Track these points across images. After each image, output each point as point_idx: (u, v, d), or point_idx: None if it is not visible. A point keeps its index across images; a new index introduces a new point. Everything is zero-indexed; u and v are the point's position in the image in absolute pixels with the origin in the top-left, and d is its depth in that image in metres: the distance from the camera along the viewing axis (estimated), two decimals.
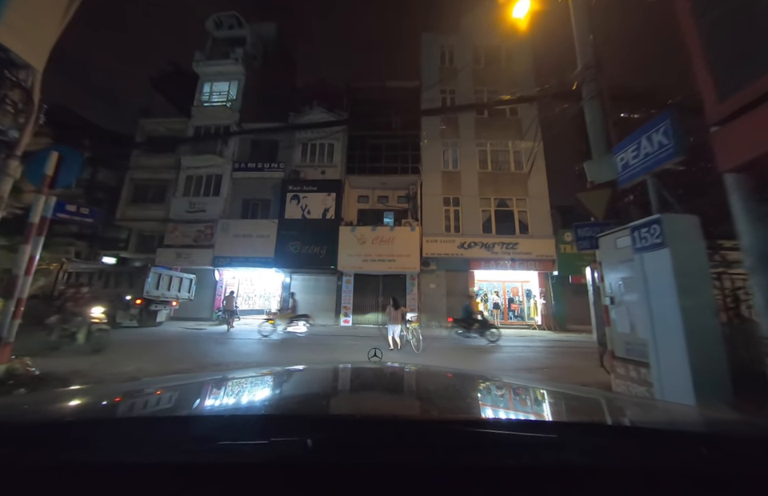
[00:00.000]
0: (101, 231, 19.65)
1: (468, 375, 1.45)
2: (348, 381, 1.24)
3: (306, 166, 17.33)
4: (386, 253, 15.05)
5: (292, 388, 1.14)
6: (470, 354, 8.48)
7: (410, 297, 15.67)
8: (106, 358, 6.46)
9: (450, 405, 1.01)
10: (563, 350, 9.30)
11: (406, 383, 1.27)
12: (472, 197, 16.72)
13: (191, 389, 1.05)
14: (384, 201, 18.05)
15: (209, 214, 16.67)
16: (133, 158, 18.61)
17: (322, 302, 16.00)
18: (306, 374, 1.36)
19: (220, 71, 19.17)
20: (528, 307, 16.52)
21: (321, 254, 15.26)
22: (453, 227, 16.36)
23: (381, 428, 0.62)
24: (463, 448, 0.55)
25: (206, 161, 17.24)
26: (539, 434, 0.64)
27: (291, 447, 0.53)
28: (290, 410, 0.85)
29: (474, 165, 17.25)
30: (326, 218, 15.77)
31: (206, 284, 16.65)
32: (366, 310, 15.73)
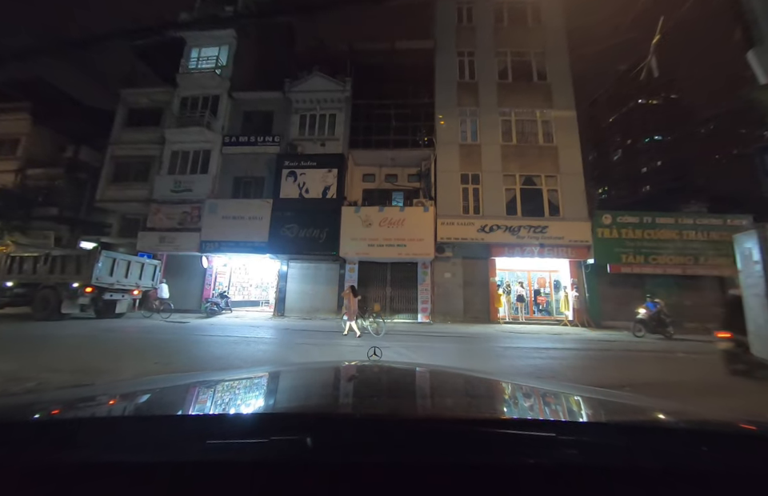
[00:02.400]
0: (84, 214, 18.09)
1: (468, 375, 1.43)
2: (347, 380, 1.24)
3: (305, 139, 15.32)
4: (396, 237, 13.07)
5: (292, 387, 1.13)
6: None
7: (422, 288, 13.73)
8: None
9: (450, 403, 1.05)
10: (627, 355, 7.26)
11: (405, 382, 1.26)
12: (494, 173, 14.55)
13: (191, 388, 1.04)
14: (392, 179, 15.99)
15: (196, 193, 14.85)
16: (114, 132, 16.79)
17: (322, 294, 14.18)
18: (306, 372, 1.41)
19: (209, 34, 17.08)
20: (557, 300, 14.45)
21: (320, 239, 13.36)
22: (472, 208, 14.26)
23: (380, 427, 0.62)
24: (462, 447, 0.55)
25: (192, 134, 15.34)
26: (540, 432, 0.62)
27: (291, 446, 0.53)
28: (289, 408, 0.87)
29: (496, 136, 15.02)
30: (326, 198, 13.81)
31: (193, 272, 14.95)
32: (373, 302, 13.84)
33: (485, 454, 0.54)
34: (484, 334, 10.49)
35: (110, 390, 1.07)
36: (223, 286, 15.23)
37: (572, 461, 0.53)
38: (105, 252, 10.26)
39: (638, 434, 0.65)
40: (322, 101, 15.64)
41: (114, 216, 17.17)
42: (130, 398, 0.92)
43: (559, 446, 0.55)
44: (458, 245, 13.89)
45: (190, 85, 16.37)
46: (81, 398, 0.90)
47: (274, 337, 8.75)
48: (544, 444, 0.57)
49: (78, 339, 7.03)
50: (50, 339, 7.00)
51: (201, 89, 16.28)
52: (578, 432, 0.64)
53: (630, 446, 0.56)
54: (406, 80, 16.07)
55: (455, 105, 15.45)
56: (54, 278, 9.87)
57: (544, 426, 0.72)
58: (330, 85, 15.54)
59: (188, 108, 16.08)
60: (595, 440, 0.59)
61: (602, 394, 1.13)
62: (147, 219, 14.96)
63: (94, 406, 0.85)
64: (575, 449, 0.55)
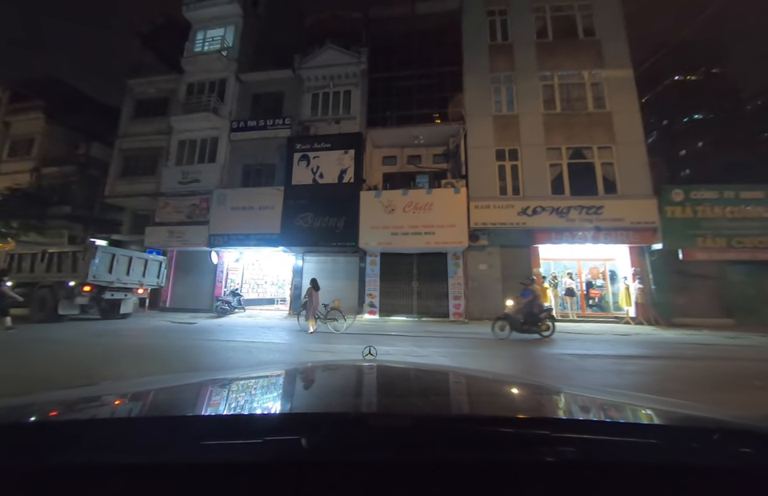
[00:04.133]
0: (98, 212, 17.61)
1: (464, 372, 1.45)
2: (343, 379, 1.22)
3: (317, 119, 13.84)
4: (423, 223, 11.38)
5: (287, 387, 1.11)
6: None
7: (454, 281, 11.99)
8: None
9: (446, 402, 1.04)
10: (756, 366, 5.24)
11: (400, 381, 1.25)
12: (535, 147, 12.48)
13: (185, 389, 1.03)
14: (416, 161, 14.25)
15: (204, 184, 13.78)
16: (122, 125, 16.06)
17: (341, 290, 12.73)
18: (301, 373, 1.38)
19: (214, 14, 15.92)
20: (614, 294, 12.28)
21: (338, 228, 11.89)
22: (510, 188, 12.30)
23: (376, 426, 0.62)
24: (460, 445, 0.54)
25: (199, 121, 14.26)
26: (536, 430, 0.62)
27: (286, 446, 0.52)
28: (284, 408, 0.88)
29: (537, 105, 12.90)
30: (342, 182, 12.30)
31: (204, 269, 13.95)
32: (397, 299, 12.29)
33: (482, 452, 0.53)
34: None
35: (104, 392, 1.04)
36: (235, 283, 14.15)
37: (569, 458, 0.52)
38: (101, 247, 9.29)
39: (636, 431, 0.65)
40: (335, 77, 14.09)
41: (126, 212, 16.51)
42: (124, 400, 0.91)
43: (555, 444, 0.54)
44: (495, 231, 12.01)
45: (195, 69, 15.30)
46: (74, 400, 0.89)
47: (284, 341, 7.39)
48: (540, 442, 0.56)
49: (51, 345, 5.91)
50: (20, 346, 5.94)
51: (207, 73, 15.18)
52: (575, 429, 0.62)
53: (628, 443, 0.56)
54: (428, 47, 14.21)
55: (487, 71, 13.44)
56: (50, 276, 9.00)
57: (541, 424, 0.69)
58: (343, 57, 13.94)
59: (194, 94, 15.02)
60: (592, 437, 0.58)
61: (599, 393, 1.13)
62: (155, 213, 14.07)
63: (88, 407, 0.83)
64: (572, 446, 0.53)
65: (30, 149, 18.60)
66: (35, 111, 18.92)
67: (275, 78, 14.93)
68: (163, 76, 16.10)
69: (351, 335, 8.39)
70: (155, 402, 0.90)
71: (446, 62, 13.87)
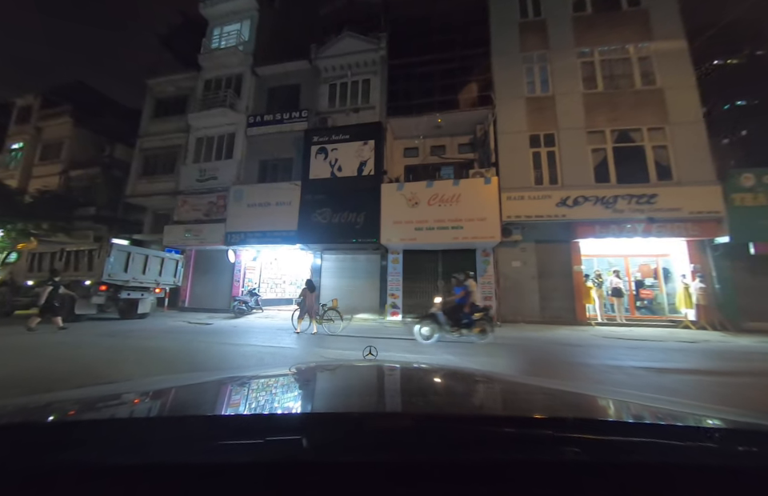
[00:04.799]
0: (122, 212, 17.85)
1: (466, 372, 1.40)
2: (343, 379, 1.22)
3: (335, 111, 13.20)
4: (450, 217, 10.44)
5: (287, 388, 1.12)
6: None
7: (483, 281, 10.97)
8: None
9: (448, 401, 1.01)
10: None
11: (402, 381, 1.24)
12: (575, 131, 11.24)
13: (186, 390, 1.03)
14: (439, 152, 13.31)
15: (221, 181, 13.47)
16: (142, 124, 16.13)
17: (362, 290, 12.03)
18: (301, 372, 1.35)
19: (230, 9, 15.65)
20: (668, 294, 10.85)
21: (357, 224, 11.16)
22: (547, 177, 11.13)
23: (376, 426, 0.61)
24: (461, 445, 0.54)
25: (216, 117, 14.00)
26: (539, 430, 0.62)
27: (286, 446, 0.52)
28: (285, 409, 0.87)
29: (576, 84, 11.64)
30: (362, 175, 11.56)
31: (222, 268, 13.64)
32: (421, 299, 11.41)
33: (483, 452, 0.53)
34: (575, 340, 7.57)
35: (106, 392, 1.02)
36: (253, 282, 13.77)
37: (571, 459, 0.51)
38: (116, 245, 9.03)
39: (638, 431, 0.64)
40: (353, 65, 13.38)
41: (147, 212, 16.57)
42: (123, 401, 0.90)
43: (558, 444, 0.54)
44: (530, 225, 10.88)
45: (212, 65, 15.09)
46: (77, 400, 0.89)
47: (299, 345, 6.73)
48: (543, 442, 0.56)
49: (51, 349, 5.50)
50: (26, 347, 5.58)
51: (223, 69, 14.92)
52: (577, 429, 0.59)
53: (631, 443, 0.55)
54: (452, 29, 13.27)
55: (518, 51, 12.29)
56: (67, 275, 8.81)
57: (543, 424, 0.68)
58: (362, 44, 13.21)
59: (211, 90, 14.80)
60: (594, 437, 0.57)
61: (601, 392, 1.14)
62: (174, 212, 13.93)
63: (89, 407, 0.83)
64: (574, 446, 0.52)
65: (59, 152, 19.14)
66: (64, 116, 19.46)
67: (291, 70, 14.43)
68: (181, 74, 16.02)
69: (350, 337, 7.59)
70: (158, 403, 0.89)
71: (472, 43, 12.85)
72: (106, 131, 19.56)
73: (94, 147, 19.42)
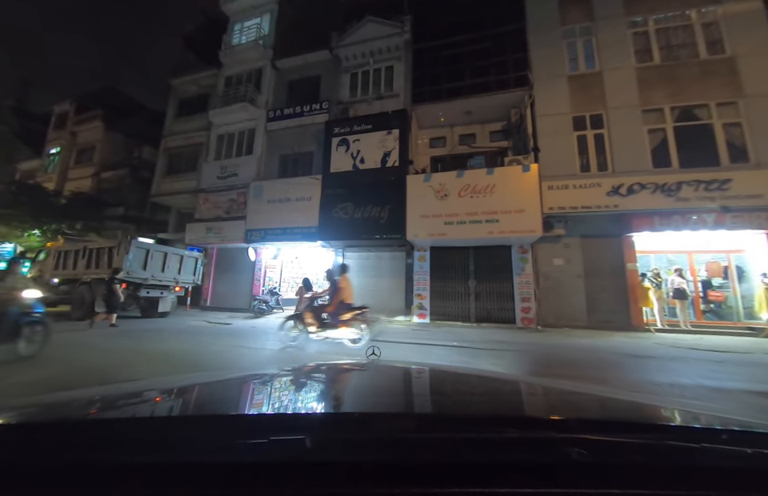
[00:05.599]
0: (149, 212, 18.15)
1: (469, 372, 1.41)
2: (347, 379, 1.22)
3: (357, 101, 12.53)
4: (483, 210, 9.46)
5: (291, 387, 1.11)
6: None
7: (521, 280, 9.90)
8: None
9: (451, 402, 1.01)
10: None
11: (405, 381, 1.23)
12: (627, 109, 9.90)
13: (190, 390, 1.03)
14: (469, 141, 12.31)
15: (242, 177, 13.18)
16: (166, 124, 16.27)
17: (386, 289, 11.29)
18: (305, 372, 1.37)
19: (250, 4, 15.41)
20: (744, 296, 9.28)
21: (381, 219, 10.42)
22: (594, 164, 9.87)
23: (379, 426, 0.61)
24: (465, 446, 0.54)
25: (236, 112, 13.75)
26: (541, 431, 0.62)
27: (290, 446, 0.52)
28: (288, 408, 0.86)
29: (627, 57, 10.27)
30: (386, 166, 10.81)
31: (243, 266, 13.37)
32: (450, 301, 10.51)
33: (486, 453, 0.52)
34: (638, 350, 6.39)
35: (106, 393, 1.01)
36: (273, 281, 13.39)
37: (574, 459, 0.50)
38: (135, 242, 8.83)
39: (642, 431, 0.63)
40: (375, 52, 12.66)
41: (171, 211, 16.71)
42: (126, 402, 0.90)
43: (560, 444, 0.53)
44: (574, 218, 9.69)
45: (233, 62, 14.90)
46: (82, 400, 0.89)
47: (323, 350, 6.05)
48: (547, 442, 0.55)
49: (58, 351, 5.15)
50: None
51: (244, 64, 14.68)
52: (580, 430, 0.58)
53: (634, 444, 0.54)
54: (481, 7, 12.15)
55: (558, 25, 11.06)
56: (89, 273, 8.71)
57: (545, 425, 0.69)
58: (384, 29, 12.46)
59: (232, 86, 14.60)
60: (597, 438, 0.56)
61: (605, 392, 1.11)
62: (196, 210, 13.83)
63: (95, 407, 0.83)
64: (576, 447, 0.51)
65: (92, 156, 19.82)
66: (96, 120, 20.14)
67: (311, 61, 13.93)
68: (203, 72, 15.99)
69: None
70: (162, 403, 0.89)
71: (504, 20, 11.70)
72: (134, 133, 20.05)
73: (124, 149, 19.95)
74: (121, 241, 8.69)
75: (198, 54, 17.23)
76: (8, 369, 4.09)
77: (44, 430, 0.60)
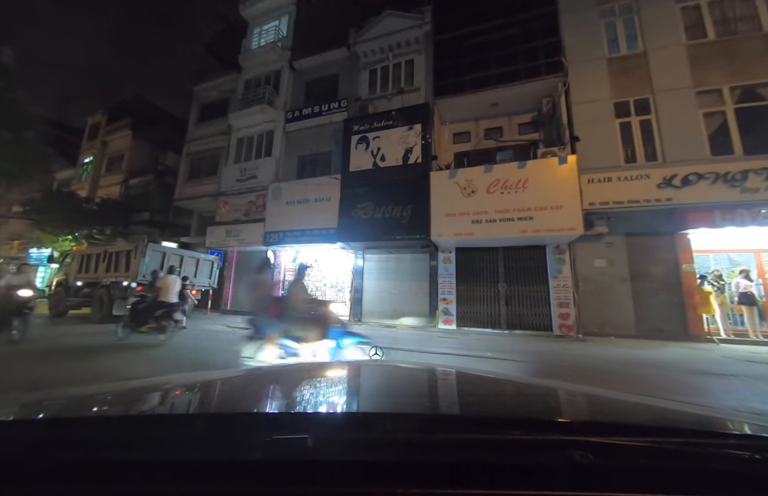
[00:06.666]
0: (173, 217, 18.52)
1: (472, 372, 1.34)
2: (349, 379, 1.19)
3: (376, 97, 12.10)
4: (515, 206, 8.70)
5: (294, 386, 1.07)
6: None
7: (557, 283, 9.05)
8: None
9: (454, 402, 1.00)
10: None
11: (407, 381, 1.20)
12: (679, 91, 8.86)
13: (192, 388, 1.02)
14: (495, 135, 11.55)
15: (260, 179, 13.06)
16: (189, 130, 16.53)
17: (409, 293, 10.71)
18: (307, 371, 1.35)
19: (268, 7, 15.41)
20: None
21: (403, 218, 9.87)
22: (642, 153, 8.90)
23: (382, 426, 0.60)
24: (467, 447, 0.53)
25: (255, 115, 13.69)
26: (546, 432, 0.60)
27: (292, 445, 0.52)
28: (291, 407, 0.87)
29: (676, 35, 9.23)
30: (407, 163, 10.27)
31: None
32: (478, 306, 9.78)
33: (489, 454, 0.52)
34: (707, 366, 5.44)
35: (111, 391, 0.98)
36: None
37: (577, 461, 0.49)
38: (152, 245, 8.75)
39: (650, 434, 0.62)
40: (395, 46, 12.20)
41: (194, 216, 16.92)
42: (130, 399, 0.88)
43: (563, 446, 0.53)
44: (618, 214, 8.74)
45: (252, 65, 14.91)
46: (85, 398, 0.88)
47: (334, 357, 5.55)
48: (551, 444, 0.54)
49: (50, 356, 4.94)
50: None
51: (262, 67, 14.65)
52: (583, 431, 0.59)
53: (641, 447, 0.53)
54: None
55: (593, 4, 10.17)
56: (109, 276, 8.72)
57: (551, 426, 0.69)
58: (404, 22, 11.99)
59: (251, 89, 14.59)
60: (602, 441, 0.54)
61: (608, 394, 1.06)
62: (216, 213, 13.84)
63: (97, 405, 0.82)
64: (580, 449, 0.50)
65: (121, 164, 20.53)
66: (124, 129, 20.88)
67: (329, 60, 13.66)
68: (224, 77, 16.14)
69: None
70: (165, 401, 0.88)
71: (532, 3, 10.90)
72: (159, 141, 20.63)
73: (150, 157, 20.55)
74: (137, 244, 8.64)
75: (219, 59, 17.48)
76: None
77: (44, 427, 0.60)
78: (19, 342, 5.45)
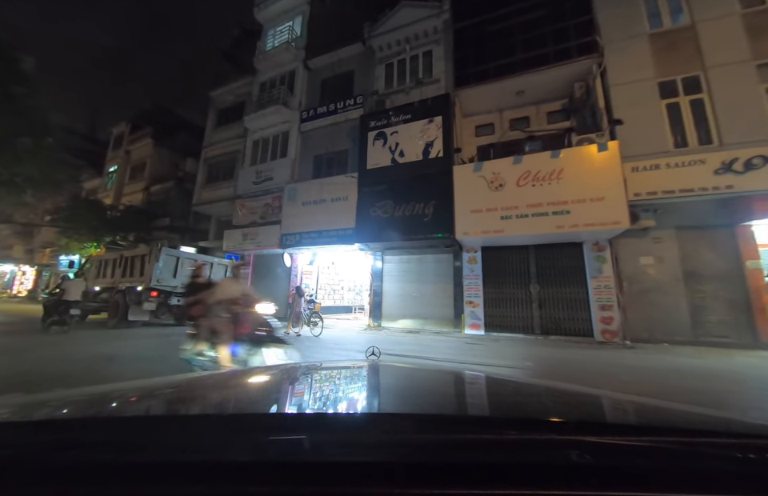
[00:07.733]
0: (192, 223, 18.70)
1: (469, 374, 1.34)
2: (346, 379, 1.20)
3: (393, 92, 11.61)
4: (549, 200, 7.95)
5: (290, 387, 1.08)
6: None
7: (598, 284, 8.21)
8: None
9: (451, 403, 1.00)
10: None
11: (404, 381, 1.21)
12: (735, 66, 7.86)
13: (189, 388, 1.02)
14: (521, 125, 10.79)
15: (276, 181, 12.83)
16: (206, 135, 16.63)
17: (431, 296, 10.11)
18: (305, 372, 1.34)
19: (282, 8, 15.27)
20: None
21: (425, 216, 9.29)
22: (693, 136, 7.95)
23: (379, 426, 0.61)
24: (464, 447, 0.53)
25: (270, 116, 13.51)
26: (543, 432, 0.60)
27: (289, 446, 0.52)
28: (288, 408, 0.86)
29: (729, 3, 8.23)
30: (428, 158, 9.69)
31: (278, 273, 12.94)
32: (508, 309, 9.05)
33: (486, 454, 0.51)
34: None
35: (106, 391, 0.96)
36: (309, 288, 12.77)
37: (575, 461, 0.49)
38: (165, 250, 8.58)
39: (646, 434, 0.62)
40: (412, 38, 11.68)
41: (212, 220, 16.98)
42: (128, 400, 0.87)
43: (562, 447, 0.52)
44: (668, 206, 7.82)
45: (266, 67, 14.79)
46: (82, 399, 0.86)
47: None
48: (547, 444, 0.54)
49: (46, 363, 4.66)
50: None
51: (277, 68, 14.50)
52: (583, 431, 0.58)
53: (637, 446, 0.53)
54: None
55: None
56: (124, 281, 8.63)
57: (548, 426, 0.68)
58: (421, 12, 11.46)
59: (266, 90, 14.45)
60: (600, 440, 0.54)
61: (609, 394, 1.06)
62: (233, 217, 13.74)
63: (94, 406, 0.80)
64: (579, 449, 0.50)
65: (143, 171, 21.02)
66: (146, 138, 21.39)
67: (344, 57, 13.32)
68: (239, 81, 16.14)
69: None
70: (161, 402, 0.87)
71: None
72: (179, 148, 20.99)
73: (170, 164, 20.92)
74: (151, 249, 8.50)
75: (235, 64, 17.53)
76: None
77: (44, 428, 0.60)
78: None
